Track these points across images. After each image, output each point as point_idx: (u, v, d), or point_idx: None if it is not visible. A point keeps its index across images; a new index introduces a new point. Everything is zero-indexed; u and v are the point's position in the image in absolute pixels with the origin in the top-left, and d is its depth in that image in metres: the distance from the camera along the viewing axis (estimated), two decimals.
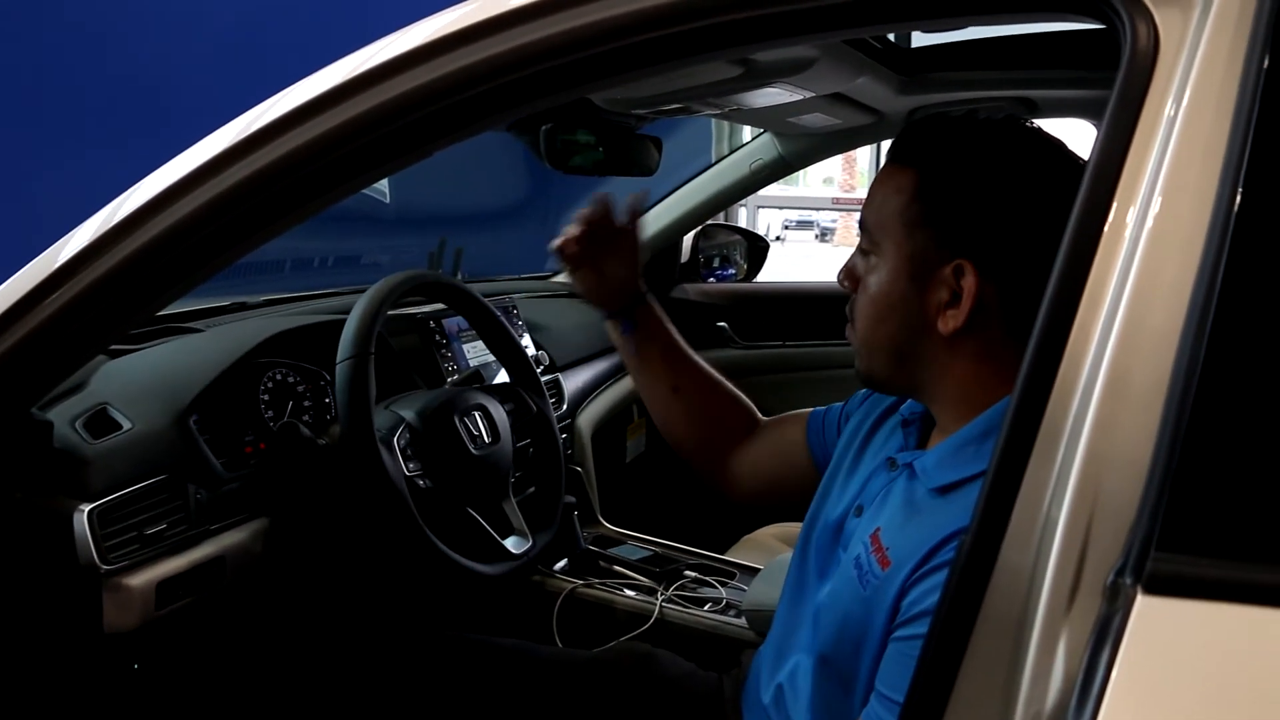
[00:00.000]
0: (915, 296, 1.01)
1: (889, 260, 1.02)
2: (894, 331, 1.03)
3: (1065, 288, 0.69)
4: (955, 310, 0.99)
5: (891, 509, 1.04)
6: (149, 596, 1.27)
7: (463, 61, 0.86)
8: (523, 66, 0.85)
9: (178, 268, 0.92)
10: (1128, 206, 0.69)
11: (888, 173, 1.05)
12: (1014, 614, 0.68)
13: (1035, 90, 1.89)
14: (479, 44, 0.86)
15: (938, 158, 1.01)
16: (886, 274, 1.03)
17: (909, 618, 0.93)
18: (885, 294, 1.03)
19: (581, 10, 0.84)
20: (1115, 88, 0.74)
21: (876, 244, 1.04)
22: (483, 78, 0.86)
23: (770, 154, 2.42)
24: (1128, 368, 0.66)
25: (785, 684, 1.12)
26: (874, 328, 1.05)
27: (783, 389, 2.77)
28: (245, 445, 1.52)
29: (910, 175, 1.02)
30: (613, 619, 1.79)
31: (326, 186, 0.91)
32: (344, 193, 0.93)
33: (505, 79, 0.86)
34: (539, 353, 2.16)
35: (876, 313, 1.04)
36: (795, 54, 1.44)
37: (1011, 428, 0.70)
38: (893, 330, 1.04)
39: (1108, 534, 0.65)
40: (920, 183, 1.01)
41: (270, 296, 2.03)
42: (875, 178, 1.08)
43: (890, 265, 1.02)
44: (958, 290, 0.98)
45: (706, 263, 2.92)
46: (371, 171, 0.93)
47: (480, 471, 1.52)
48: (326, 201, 0.93)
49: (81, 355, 1.02)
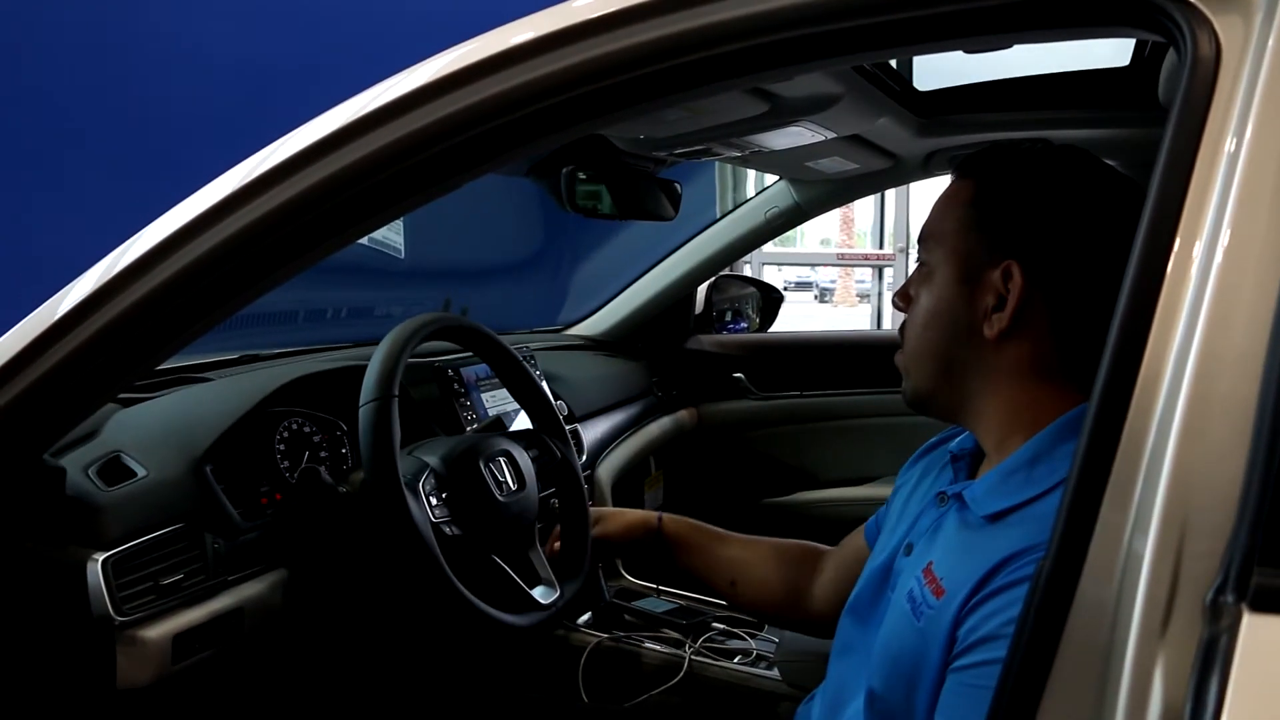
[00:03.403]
0: (963, 300, 1.01)
1: (941, 266, 1.04)
2: (940, 338, 1.04)
3: (1137, 308, 0.67)
4: (1001, 314, 0.99)
5: (944, 541, 1.01)
6: (165, 649, 1.22)
7: (470, 99, 0.85)
8: (530, 103, 0.84)
9: (186, 314, 0.91)
10: (1197, 221, 0.67)
11: (950, 186, 1.08)
12: (1100, 641, 0.64)
13: (1054, 130, 1.89)
14: (483, 81, 0.85)
15: (997, 169, 1.04)
16: (938, 280, 1.04)
17: (967, 646, 0.90)
18: (935, 300, 1.04)
19: (582, 45, 0.83)
20: (1176, 102, 0.72)
21: (931, 252, 1.06)
22: (491, 114, 0.85)
23: (786, 201, 2.41)
24: (1209, 393, 0.63)
25: None
26: (921, 335, 1.06)
27: (801, 439, 2.75)
28: (261, 496, 1.48)
29: (969, 185, 1.04)
30: (640, 672, 1.74)
31: (334, 230, 0.90)
32: (351, 237, 0.92)
33: (514, 115, 0.85)
34: (558, 403, 2.12)
35: (925, 320, 1.05)
36: (820, 91, 1.44)
37: (1086, 455, 0.67)
38: (939, 336, 1.04)
39: (1201, 553, 0.61)
40: (978, 191, 1.03)
41: (282, 350, 2.01)
42: (940, 196, 1.09)
43: (942, 271, 1.04)
44: (1004, 294, 0.98)
45: (719, 316, 2.91)
46: (380, 214, 0.92)
47: (506, 519, 1.48)
48: (334, 245, 0.92)
49: (92, 402, 1.00)
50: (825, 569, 1.44)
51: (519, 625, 1.40)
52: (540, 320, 2.83)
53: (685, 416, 2.70)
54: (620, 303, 2.71)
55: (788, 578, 1.45)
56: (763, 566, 1.47)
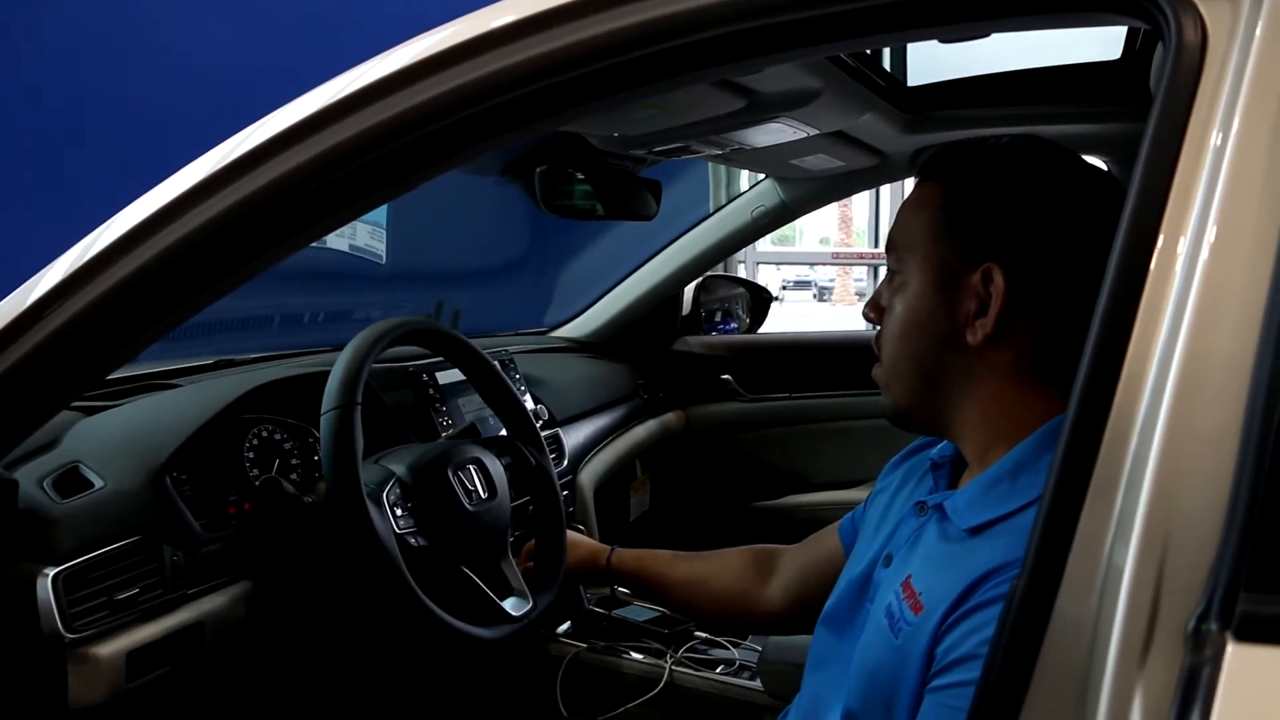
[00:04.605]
0: (943, 308, 0.97)
1: (915, 275, 0.99)
2: (921, 349, 0.99)
3: (1119, 307, 0.63)
4: (984, 319, 0.94)
5: (923, 553, 0.98)
6: (118, 667, 1.18)
7: (449, 84, 0.81)
8: (513, 88, 0.80)
9: (159, 304, 0.86)
10: (1182, 216, 0.63)
11: (915, 191, 1.03)
12: (1077, 665, 0.60)
13: (1043, 126, 1.85)
14: (462, 66, 0.81)
15: (965, 170, 0.99)
16: (913, 290, 0.99)
17: (944, 665, 0.87)
18: (912, 310, 0.99)
19: (561, 30, 0.79)
20: (1160, 91, 0.68)
21: (903, 260, 1.01)
22: (473, 99, 0.81)
23: (773, 200, 2.37)
24: (1194, 395, 0.59)
25: None
26: (900, 348, 1.01)
27: (791, 441, 2.71)
28: (229, 505, 1.44)
29: (937, 189, 1.00)
30: (621, 684, 1.69)
31: (312, 217, 0.85)
32: (330, 225, 0.87)
33: (497, 99, 0.80)
34: (538, 407, 2.08)
35: (903, 331, 1.00)
36: (798, 85, 1.40)
37: (1063, 462, 0.63)
38: (920, 348, 0.99)
39: (1183, 575, 0.57)
40: (947, 194, 0.98)
41: (257, 355, 1.96)
42: (906, 200, 1.05)
43: (917, 280, 0.99)
44: (985, 298, 0.94)
45: (709, 316, 2.87)
46: (359, 201, 0.87)
47: (476, 529, 1.44)
48: (314, 233, 0.87)
49: (47, 408, 0.95)
50: (782, 569, 1.42)
51: (486, 638, 1.36)
52: (525, 323, 2.79)
53: (672, 419, 2.66)
54: (606, 304, 2.67)
55: (741, 587, 1.45)
56: (716, 581, 1.47)
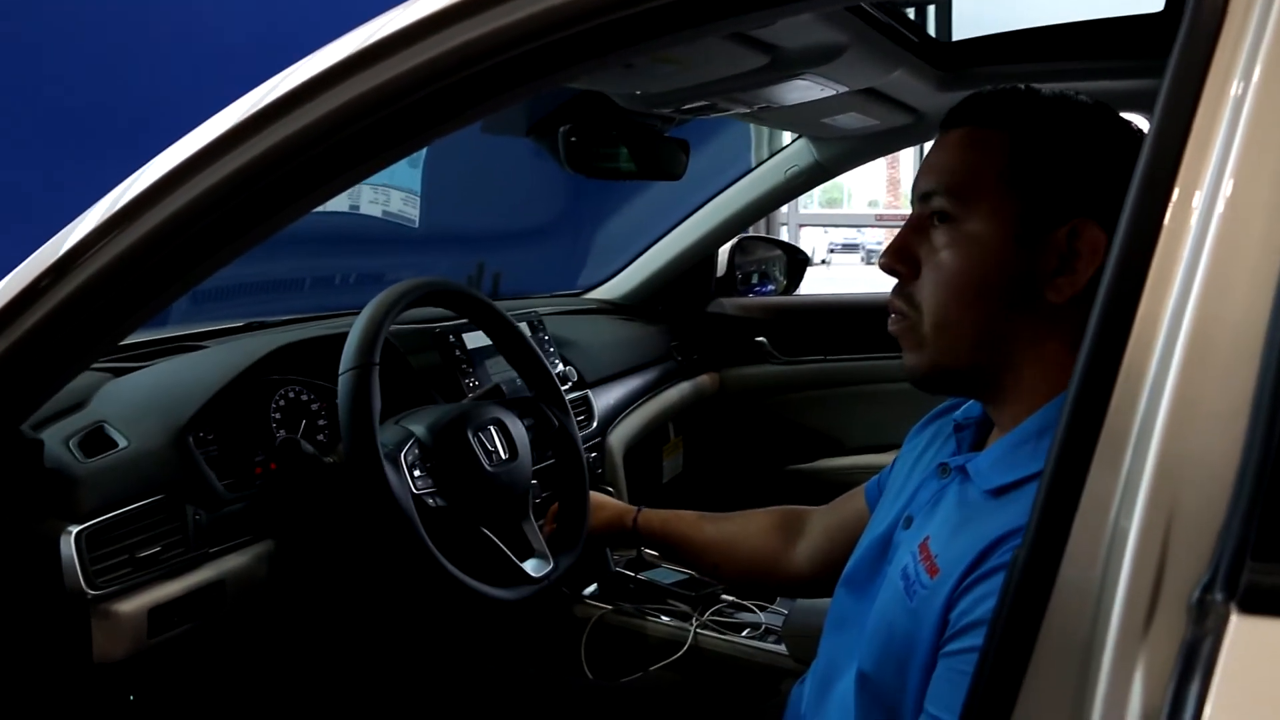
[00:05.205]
0: (1022, 264, 0.91)
1: (983, 225, 0.93)
2: (986, 306, 0.93)
3: (1130, 262, 0.60)
4: (1071, 276, 0.90)
5: (942, 515, 0.96)
6: (140, 624, 1.19)
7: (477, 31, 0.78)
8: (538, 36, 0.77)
9: (187, 255, 0.85)
10: (1198, 170, 0.60)
11: (969, 136, 0.96)
12: (1080, 635, 0.58)
13: (1084, 82, 1.79)
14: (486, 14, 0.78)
15: (1035, 118, 0.94)
16: (980, 241, 0.93)
17: (958, 630, 0.85)
18: (977, 263, 0.93)
19: None
20: (1179, 38, 0.65)
21: (963, 207, 0.94)
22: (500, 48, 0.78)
23: (806, 160, 2.32)
24: (1205, 358, 0.56)
25: (827, 714, 1.04)
26: (956, 302, 0.94)
27: (825, 404, 2.68)
28: (255, 465, 1.45)
29: (999, 135, 0.94)
30: (645, 646, 1.69)
31: (342, 166, 0.83)
32: (360, 175, 0.86)
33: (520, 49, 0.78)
34: (566, 369, 2.07)
35: (963, 285, 0.93)
36: (823, 41, 1.36)
37: (1070, 423, 0.61)
38: (984, 304, 0.93)
39: (1189, 542, 0.55)
40: (1014, 142, 0.93)
41: (289, 317, 1.97)
42: (943, 144, 0.98)
43: (986, 230, 0.92)
44: (1066, 253, 0.90)
45: (745, 278, 2.84)
46: (383, 153, 0.85)
47: (495, 489, 1.43)
48: (347, 181, 0.86)
49: (72, 364, 0.95)
50: (810, 530, 1.41)
51: (505, 599, 1.36)
52: (560, 285, 2.78)
53: (706, 381, 2.64)
54: (640, 265, 2.65)
55: (768, 548, 1.43)
56: (742, 542, 1.46)
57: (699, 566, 1.56)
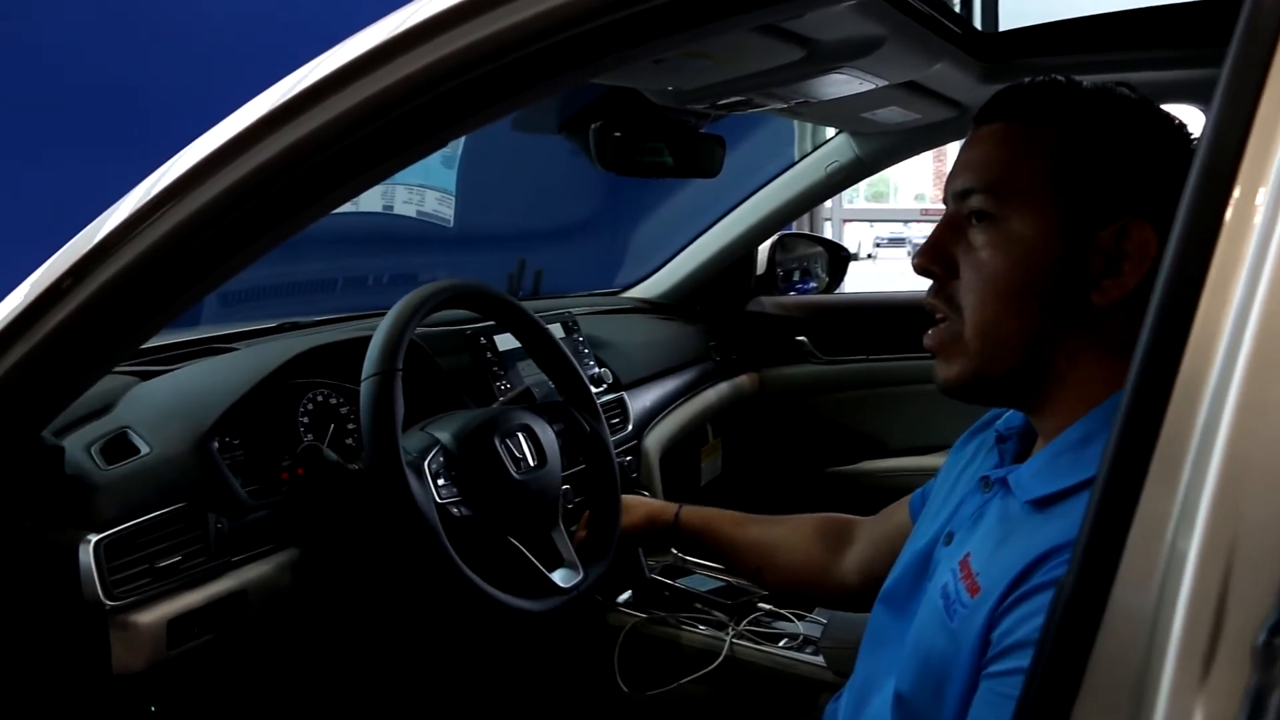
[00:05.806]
0: (1067, 265, 0.88)
1: (1028, 224, 0.89)
2: (1034, 309, 0.89)
3: (1188, 263, 0.56)
4: (1119, 279, 0.86)
5: (984, 531, 0.92)
6: (159, 635, 1.17)
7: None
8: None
9: (203, 259, 0.83)
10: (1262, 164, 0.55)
11: (1010, 132, 0.92)
12: (1133, 666, 0.53)
13: (1134, 73, 1.72)
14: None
15: (1080, 114, 0.90)
16: (1026, 241, 0.89)
17: (1000, 650, 0.82)
18: (1023, 264, 0.89)
19: None
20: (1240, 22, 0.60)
21: (1005, 205, 0.90)
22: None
23: (846, 155, 2.27)
24: (1271, 366, 0.52)
25: None
26: (1003, 306, 0.90)
27: (868, 405, 2.63)
28: (282, 470, 1.43)
29: (1045, 132, 0.90)
30: (679, 656, 1.65)
31: (384, 153, 0.81)
32: (396, 165, 0.84)
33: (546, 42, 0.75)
34: (601, 370, 2.03)
35: (1009, 287, 0.90)
36: (860, 33, 1.31)
37: (1123, 434, 0.56)
38: (1030, 312, 0.89)
39: (1255, 566, 0.50)
40: (1061, 138, 0.89)
41: (324, 318, 1.95)
42: (980, 139, 0.94)
43: (1031, 229, 0.89)
44: (1114, 254, 0.86)
45: (786, 276, 2.79)
46: (407, 150, 0.82)
47: (523, 498, 1.40)
48: (366, 182, 0.83)
49: (93, 368, 0.94)
50: (857, 541, 1.37)
51: (531, 610, 1.33)
52: (597, 284, 2.74)
53: (745, 382, 2.59)
54: (678, 264, 2.61)
55: (814, 556, 1.40)
56: (787, 548, 1.42)
57: (740, 568, 1.52)
